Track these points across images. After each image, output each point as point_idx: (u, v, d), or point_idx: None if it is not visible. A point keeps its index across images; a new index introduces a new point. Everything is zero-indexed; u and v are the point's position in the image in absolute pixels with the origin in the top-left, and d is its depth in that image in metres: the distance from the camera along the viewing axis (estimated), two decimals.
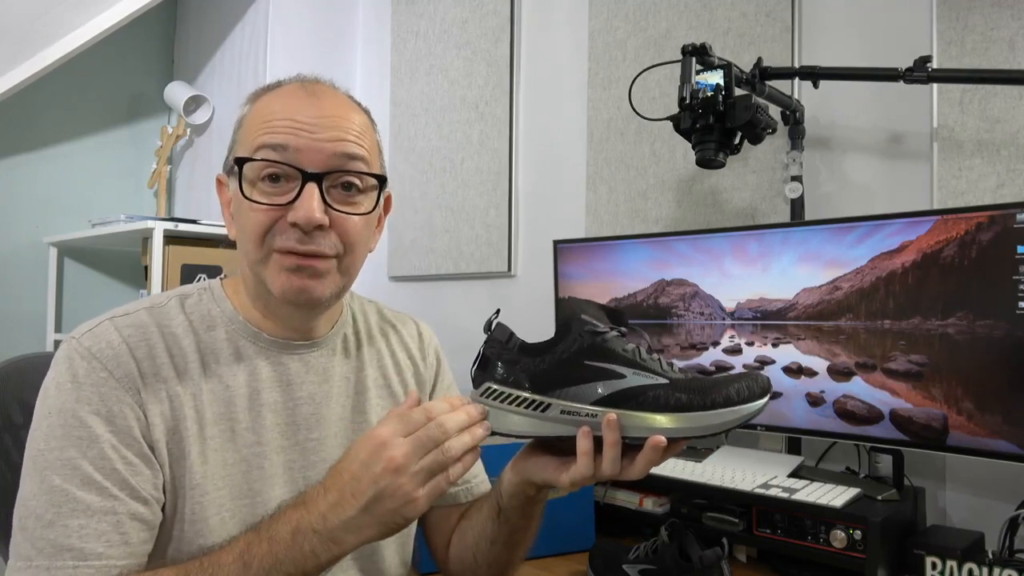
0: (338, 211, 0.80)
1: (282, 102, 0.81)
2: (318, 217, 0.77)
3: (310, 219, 0.76)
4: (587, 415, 0.73)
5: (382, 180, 0.84)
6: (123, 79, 2.81)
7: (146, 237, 2.24)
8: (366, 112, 0.87)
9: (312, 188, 0.77)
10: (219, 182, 0.87)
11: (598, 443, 0.73)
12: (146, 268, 2.26)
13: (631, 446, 0.73)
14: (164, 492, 0.77)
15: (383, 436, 0.71)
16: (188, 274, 2.18)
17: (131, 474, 0.74)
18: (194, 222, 2.24)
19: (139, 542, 0.74)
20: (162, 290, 2.13)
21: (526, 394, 0.76)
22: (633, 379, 0.73)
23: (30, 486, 0.73)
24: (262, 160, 0.78)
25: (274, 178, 0.78)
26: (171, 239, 2.18)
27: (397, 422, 0.72)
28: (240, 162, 0.78)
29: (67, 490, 0.71)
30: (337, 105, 0.82)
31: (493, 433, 0.78)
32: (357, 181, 0.81)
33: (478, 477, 1.01)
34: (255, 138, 0.79)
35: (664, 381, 0.73)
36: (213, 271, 2.22)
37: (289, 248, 0.78)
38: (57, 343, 2.52)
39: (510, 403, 0.76)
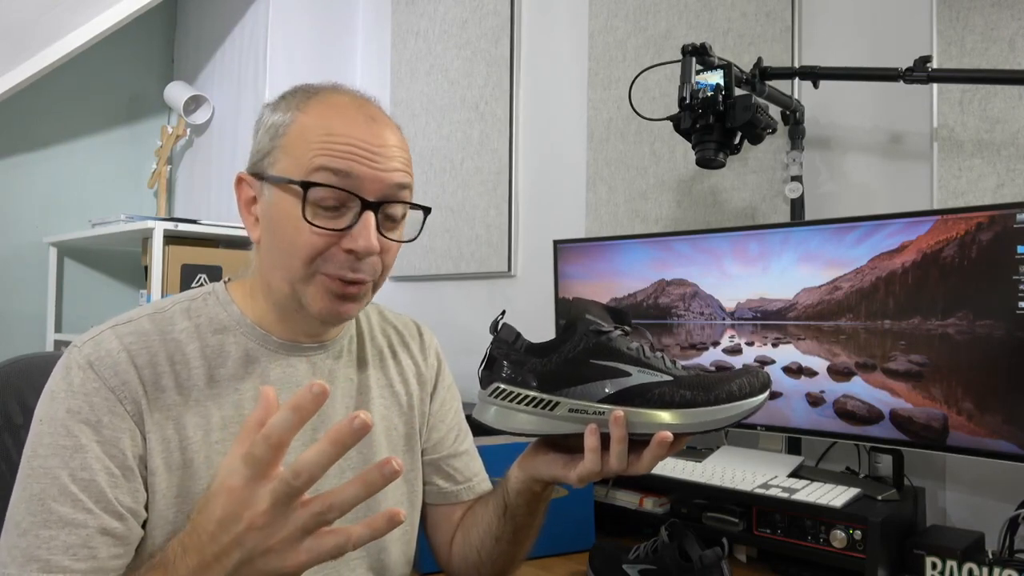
0: (387, 238, 0.81)
1: (341, 121, 0.79)
2: (376, 246, 0.78)
3: (370, 249, 0.78)
4: (594, 413, 0.75)
5: (427, 211, 0.86)
6: (123, 79, 2.81)
7: (146, 237, 2.24)
8: (399, 129, 0.87)
9: (370, 217, 0.78)
10: (240, 180, 0.84)
11: (605, 440, 0.75)
12: (146, 268, 2.26)
13: (637, 442, 0.75)
14: (159, 501, 0.76)
15: (237, 489, 0.59)
16: (188, 274, 2.18)
17: (110, 486, 0.73)
18: (194, 222, 2.24)
19: (108, 557, 0.72)
20: (162, 290, 2.13)
21: (534, 393, 0.77)
22: (638, 377, 0.75)
23: (16, 492, 0.73)
24: (328, 186, 0.77)
25: (334, 199, 0.78)
26: (171, 239, 2.18)
27: (245, 466, 0.60)
28: (305, 186, 0.77)
29: (43, 500, 0.71)
30: (390, 131, 0.82)
31: (502, 432, 0.78)
32: (402, 210, 0.83)
33: (479, 475, 1.01)
34: (313, 156, 0.77)
35: (668, 378, 0.75)
36: (213, 271, 2.22)
37: (340, 275, 0.79)
38: (57, 343, 2.53)
39: (518, 402, 0.77)
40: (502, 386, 0.78)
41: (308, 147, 0.78)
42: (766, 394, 0.75)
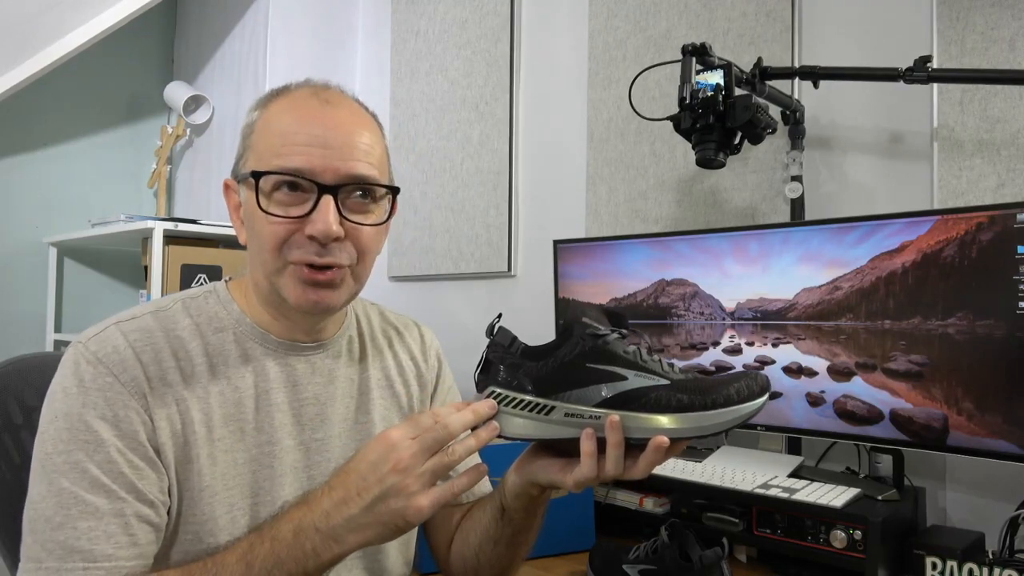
0: (353, 222, 0.81)
1: (297, 115, 0.80)
2: (335, 230, 0.78)
3: (327, 233, 0.78)
4: (590, 417, 0.74)
5: (395, 191, 0.86)
6: (123, 79, 2.80)
7: (146, 237, 2.24)
8: (374, 117, 0.88)
9: (328, 201, 0.78)
10: (227, 186, 0.87)
11: (601, 444, 0.74)
12: (146, 268, 2.26)
13: (634, 446, 0.74)
14: (170, 494, 0.77)
15: (393, 438, 0.74)
16: (188, 274, 2.18)
17: (137, 478, 0.74)
18: (194, 222, 2.24)
19: (147, 543, 0.74)
20: (162, 290, 2.13)
21: (529, 397, 0.76)
22: (635, 381, 0.74)
23: (39, 489, 0.73)
24: (276, 173, 0.78)
25: (292, 186, 0.79)
26: (171, 239, 2.18)
27: (407, 425, 0.75)
28: (256, 175, 0.79)
29: (75, 493, 0.72)
30: (347, 112, 0.83)
31: (498, 436, 0.78)
32: (378, 192, 0.83)
33: None
34: (270, 158, 0.79)
35: (665, 382, 0.74)
36: (213, 271, 2.22)
37: (307, 261, 0.79)
38: (57, 343, 2.52)
39: (514, 407, 0.77)
40: (497, 390, 0.78)
41: (268, 149, 0.80)
42: (765, 398, 0.74)
